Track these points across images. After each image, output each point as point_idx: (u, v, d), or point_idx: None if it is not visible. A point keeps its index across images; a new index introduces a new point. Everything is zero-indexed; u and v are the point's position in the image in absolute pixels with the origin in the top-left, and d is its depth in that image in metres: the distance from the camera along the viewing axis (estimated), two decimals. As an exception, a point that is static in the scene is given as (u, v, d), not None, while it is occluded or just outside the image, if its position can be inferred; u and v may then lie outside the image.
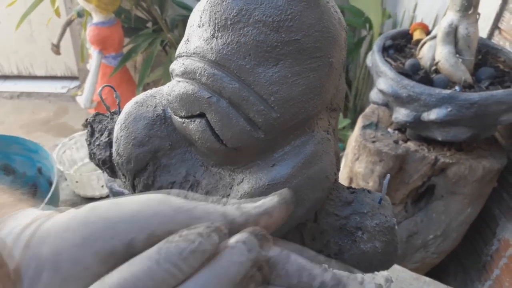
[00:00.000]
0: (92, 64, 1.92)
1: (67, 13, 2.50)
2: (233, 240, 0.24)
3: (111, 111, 0.48)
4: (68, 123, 2.71)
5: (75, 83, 3.02)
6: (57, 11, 1.91)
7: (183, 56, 0.36)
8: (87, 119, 0.47)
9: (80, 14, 2.00)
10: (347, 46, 0.38)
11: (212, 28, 0.34)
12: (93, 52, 1.91)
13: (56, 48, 2.09)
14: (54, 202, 0.78)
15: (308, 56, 0.33)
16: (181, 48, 0.37)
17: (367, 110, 1.28)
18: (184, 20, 2.12)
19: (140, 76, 1.98)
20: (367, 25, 1.85)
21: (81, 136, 1.05)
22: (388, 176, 0.36)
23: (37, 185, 0.92)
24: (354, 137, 1.22)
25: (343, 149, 1.43)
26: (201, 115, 0.35)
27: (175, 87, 0.36)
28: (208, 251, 0.22)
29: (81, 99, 1.92)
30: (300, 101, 0.33)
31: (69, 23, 2.08)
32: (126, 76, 2.07)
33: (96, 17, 1.86)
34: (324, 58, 0.33)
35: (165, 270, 0.21)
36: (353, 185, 1.28)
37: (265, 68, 0.33)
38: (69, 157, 1.03)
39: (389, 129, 1.19)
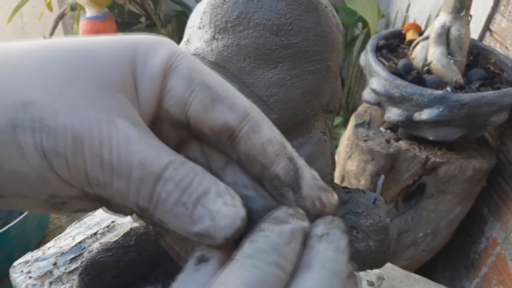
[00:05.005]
0: (85, 58, 1.90)
1: (60, 7, 2.48)
2: (320, 223, 0.19)
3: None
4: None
5: (67, 78, 2.99)
6: (49, 5, 1.89)
7: (183, 57, 0.37)
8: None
9: (73, 7, 1.99)
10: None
11: (212, 30, 0.34)
12: (86, 47, 1.89)
13: (48, 42, 2.07)
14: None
15: (307, 59, 0.34)
16: (181, 49, 0.38)
17: (360, 109, 1.29)
18: (177, 16, 2.11)
19: (133, 71, 1.98)
20: (360, 24, 1.86)
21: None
22: (383, 176, 0.37)
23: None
24: (346, 136, 1.23)
25: (336, 147, 1.45)
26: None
27: (175, 87, 0.37)
28: (307, 229, 0.18)
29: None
30: (298, 103, 0.34)
31: (61, 16, 2.06)
32: (119, 71, 2.06)
33: (89, 11, 1.85)
34: (322, 62, 0.34)
35: (270, 268, 0.16)
36: (345, 183, 1.29)
37: (264, 70, 0.33)
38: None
39: (381, 128, 1.20)
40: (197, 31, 0.36)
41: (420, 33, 1.20)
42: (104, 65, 0.18)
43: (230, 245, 0.18)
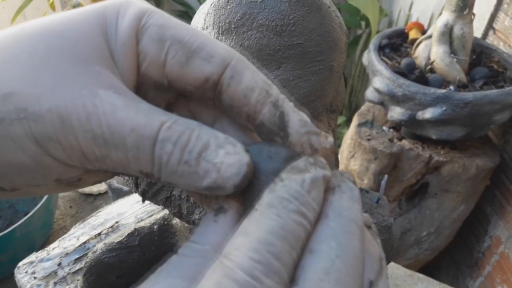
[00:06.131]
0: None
1: (62, 7, 2.49)
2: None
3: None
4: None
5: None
6: (52, 5, 1.90)
7: (187, 57, 0.37)
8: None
9: (76, 8, 1.99)
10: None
11: (216, 31, 0.34)
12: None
13: (51, 43, 2.08)
14: (52, 197, 0.78)
15: (310, 60, 0.34)
16: (184, 49, 0.38)
17: (363, 108, 1.29)
18: (180, 16, 2.11)
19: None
20: (363, 24, 1.86)
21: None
22: (386, 176, 0.37)
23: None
24: (349, 135, 1.23)
25: (339, 146, 1.45)
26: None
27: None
28: (328, 178, 0.18)
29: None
30: (301, 103, 0.34)
31: (64, 17, 2.06)
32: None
33: (92, 12, 1.86)
34: (325, 62, 0.34)
35: (292, 216, 0.16)
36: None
37: (268, 71, 0.33)
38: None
39: (384, 127, 1.20)
40: (201, 32, 0.36)
41: (423, 32, 1.20)
42: (76, 40, 0.18)
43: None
